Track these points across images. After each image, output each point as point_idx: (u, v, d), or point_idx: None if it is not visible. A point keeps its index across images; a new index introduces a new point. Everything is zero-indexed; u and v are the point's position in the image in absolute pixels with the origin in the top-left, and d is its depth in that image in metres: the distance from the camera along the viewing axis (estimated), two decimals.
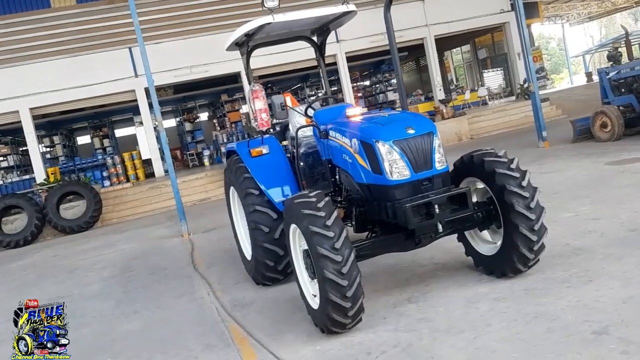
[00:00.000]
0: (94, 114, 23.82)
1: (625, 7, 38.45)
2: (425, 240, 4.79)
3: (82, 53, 18.19)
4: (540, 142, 13.17)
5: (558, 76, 54.05)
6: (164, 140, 11.31)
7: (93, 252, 11.08)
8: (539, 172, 9.31)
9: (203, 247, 9.40)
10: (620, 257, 4.89)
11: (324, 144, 5.27)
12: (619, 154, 9.99)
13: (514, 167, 4.66)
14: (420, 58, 27.81)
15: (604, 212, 6.46)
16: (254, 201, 5.75)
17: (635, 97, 11.49)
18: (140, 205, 16.53)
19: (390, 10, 5.17)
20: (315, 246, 4.08)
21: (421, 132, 4.50)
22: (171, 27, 18.75)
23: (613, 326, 3.66)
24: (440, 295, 4.85)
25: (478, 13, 22.08)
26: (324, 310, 4.22)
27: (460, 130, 18.83)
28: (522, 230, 4.52)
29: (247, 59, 6.43)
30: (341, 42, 19.43)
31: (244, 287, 6.36)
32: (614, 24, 55.06)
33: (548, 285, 4.60)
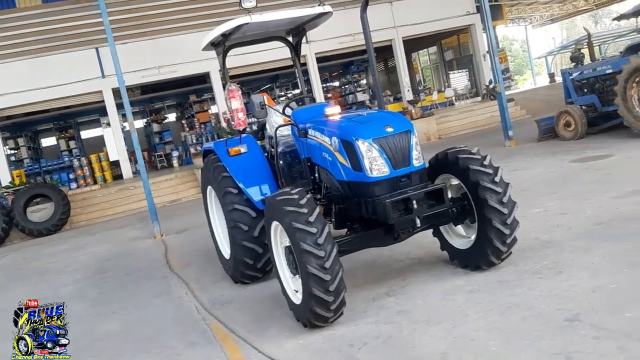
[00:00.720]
0: (59, 115, 23.38)
1: (585, 10, 39.61)
2: (404, 235, 4.93)
3: (47, 53, 17.88)
4: (507, 141, 13.51)
5: (522, 77, 55.24)
6: (136, 141, 11.22)
7: (64, 255, 10.93)
8: (507, 170, 9.49)
9: (177, 248, 9.37)
10: (587, 249, 5.11)
11: (303, 142, 5.36)
12: (583, 151, 10.35)
13: (487, 164, 4.84)
14: (388, 59, 28.12)
15: (570, 207, 6.72)
16: (233, 200, 5.81)
17: (597, 97, 11.88)
18: (110, 207, 16.33)
19: (366, 11, 5.29)
20: (298, 242, 4.17)
21: (399, 130, 4.64)
22: (139, 27, 18.58)
23: (584, 314, 3.84)
24: (418, 288, 4.99)
25: (444, 15, 22.48)
26: (306, 304, 4.31)
27: (429, 131, 19.13)
28: (496, 224, 4.70)
29: (223, 59, 6.47)
30: (311, 42, 19.54)
31: (223, 286, 6.39)
32: (575, 26, 56.61)
33: (521, 277, 4.78)
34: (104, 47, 17.00)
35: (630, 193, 6.71)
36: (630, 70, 10.24)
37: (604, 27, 51.66)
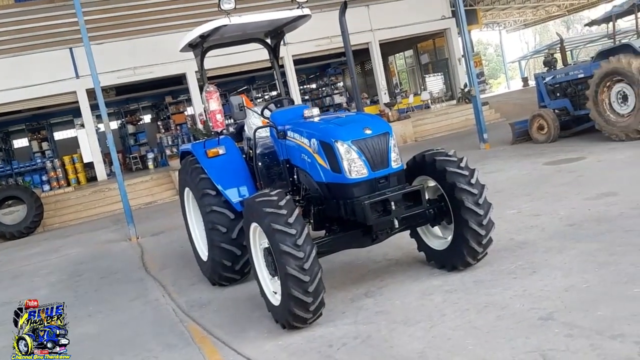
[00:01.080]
0: (31, 116, 23.00)
1: (558, 15, 40.38)
2: (382, 236, 4.97)
3: (20, 53, 17.59)
4: (482, 144, 13.70)
5: (496, 81, 55.94)
6: (111, 143, 11.11)
7: (37, 258, 10.76)
8: (482, 172, 9.56)
9: (153, 250, 9.30)
10: (560, 250, 5.22)
11: (282, 144, 5.38)
12: (556, 154, 10.55)
13: (464, 166, 4.92)
14: (365, 62, 28.28)
15: (544, 208, 6.85)
16: (211, 202, 5.79)
17: (569, 100, 12.13)
18: (84, 209, 16.11)
19: (345, 14, 5.33)
20: (277, 243, 4.18)
21: (378, 132, 4.69)
22: (114, 27, 18.37)
23: (557, 312, 3.93)
24: (396, 289, 5.04)
25: (421, 19, 22.70)
26: (285, 306, 4.32)
27: (405, 133, 19.29)
28: (472, 225, 4.77)
29: (201, 60, 6.45)
30: (288, 45, 19.55)
31: (200, 288, 6.37)
32: (548, 31, 57.59)
33: (496, 277, 4.86)
34: (78, 47, 16.75)
35: (601, 195, 6.87)
36: (601, 75, 10.48)
37: (576, 33, 52.61)
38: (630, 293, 4.02)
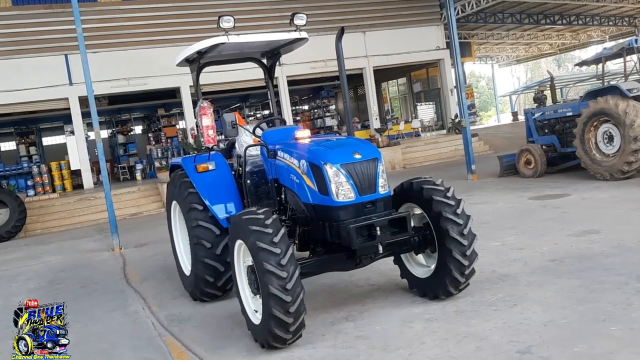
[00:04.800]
0: (21, 119, 22.92)
1: (550, 53, 41.19)
2: (366, 260, 4.99)
3: (14, 56, 17.61)
4: (469, 175, 13.82)
5: (486, 113, 56.59)
6: (101, 151, 11.08)
7: (17, 263, 10.64)
8: (469, 202, 9.72)
9: (136, 262, 9.23)
10: (541, 284, 5.27)
11: (272, 163, 5.41)
12: (541, 189, 10.68)
13: (450, 196, 4.97)
14: (358, 87, 28.53)
15: (527, 242, 6.91)
16: (198, 216, 5.80)
17: (557, 137, 12.33)
18: (68, 217, 15.97)
19: (341, 40, 5.42)
20: (261, 262, 4.19)
21: (367, 158, 4.74)
22: (111, 37, 18.48)
23: (535, 346, 3.96)
24: (377, 314, 5.05)
25: (415, 48, 23.03)
26: (266, 325, 4.31)
27: (394, 159, 19.41)
28: (455, 254, 4.81)
29: (197, 76, 6.51)
30: (283, 65, 19.70)
31: (181, 303, 6.33)
32: (539, 67, 58.57)
33: (477, 307, 4.89)
34: (73, 54, 16.79)
35: (583, 232, 6.96)
36: (589, 114, 10.68)
37: (567, 71, 53.63)
38: (606, 331, 4.07)
